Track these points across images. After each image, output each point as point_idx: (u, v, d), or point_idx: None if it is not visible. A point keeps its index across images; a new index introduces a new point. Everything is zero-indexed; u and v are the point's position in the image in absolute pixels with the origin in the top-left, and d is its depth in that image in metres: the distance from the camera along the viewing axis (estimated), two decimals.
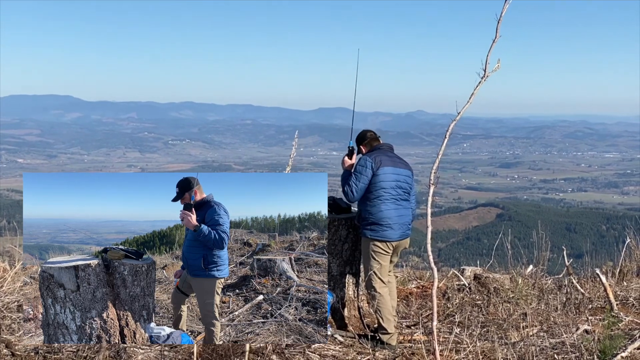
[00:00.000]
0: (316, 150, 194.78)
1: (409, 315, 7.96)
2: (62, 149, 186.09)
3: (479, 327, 6.98)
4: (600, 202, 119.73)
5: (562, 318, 7.44)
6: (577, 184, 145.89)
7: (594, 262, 10.19)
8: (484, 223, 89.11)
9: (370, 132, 7.04)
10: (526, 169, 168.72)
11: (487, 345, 6.38)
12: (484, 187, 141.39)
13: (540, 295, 8.33)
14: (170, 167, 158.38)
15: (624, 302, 8.24)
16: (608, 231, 74.91)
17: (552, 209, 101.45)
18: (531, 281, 8.79)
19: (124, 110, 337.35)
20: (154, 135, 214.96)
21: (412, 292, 8.93)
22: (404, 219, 6.74)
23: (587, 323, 7.13)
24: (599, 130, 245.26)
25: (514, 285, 8.51)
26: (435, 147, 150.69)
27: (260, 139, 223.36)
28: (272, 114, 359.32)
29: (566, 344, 6.29)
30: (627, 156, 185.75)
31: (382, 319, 6.61)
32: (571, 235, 72.09)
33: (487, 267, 10.22)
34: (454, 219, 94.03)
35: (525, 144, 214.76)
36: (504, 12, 5.16)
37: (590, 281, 9.14)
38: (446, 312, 7.83)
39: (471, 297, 8.40)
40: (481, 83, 5.20)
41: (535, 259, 9.25)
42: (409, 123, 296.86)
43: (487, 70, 5.19)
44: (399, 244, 6.77)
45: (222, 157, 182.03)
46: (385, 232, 6.61)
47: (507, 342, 6.46)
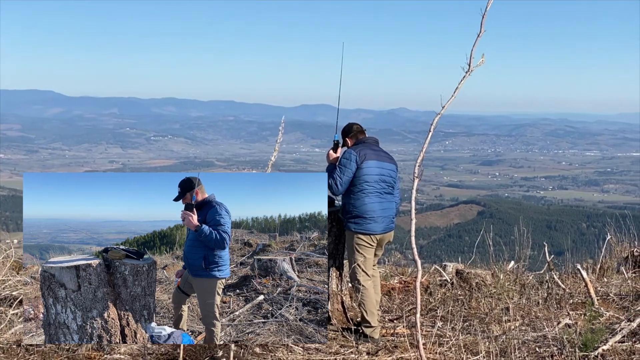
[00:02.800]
0: (299, 147, 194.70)
1: (391, 309, 7.99)
2: (43, 145, 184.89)
3: (462, 321, 7.02)
4: (581, 200, 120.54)
5: (544, 312, 7.48)
6: (558, 181, 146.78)
7: (574, 259, 10.27)
8: (466, 220, 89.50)
9: (357, 124, 7.07)
10: (507, 166, 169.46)
11: (470, 339, 6.42)
12: (466, 185, 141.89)
13: (522, 291, 8.38)
14: (152, 163, 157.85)
15: (605, 297, 8.31)
16: (588, 229, 75.34)
17: (533, 206, 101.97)
18: (513, 277, 8.84)
19: (105, 105, 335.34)
20: (135, 131, 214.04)
21: (394, 287, 8.96)
22: (388, 212, 6.77)
23: (569, 317, 7.18)
24: (579, 128, 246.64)
25: (496, 281, 8.55)
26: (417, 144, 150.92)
27: (243, 136, 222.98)
28: (254, 110, 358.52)
29: (548, 337, 6.34)
30: (608, 154, 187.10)
31: (366, 312, 6.63)
32: (552, 232, 72.44)
33: (469, 263, 10.28)
34: (436, 216, 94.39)
35: (506, 141, 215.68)
36: (488, 6, 5.19)
37: (571, 277, 9.20)
38: (429, 306, 7.86)
39: (453, 292, 8.43)
40: (465, 77, 5.22)
41: (517, 256, 9.30)
42: (391, 120, 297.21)
43: (471, 64, 5.21)
44: (383, 237, 6.80)
45: (204, 154, 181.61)
46: (369, 225, 6.63)
47: (489, 335, 6.50)
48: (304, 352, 6.13)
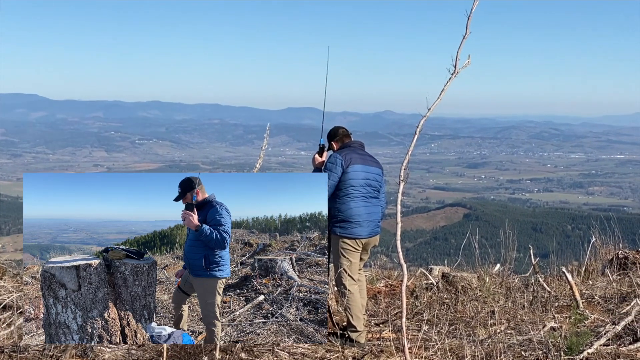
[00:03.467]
0: (284, 150, 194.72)
1: (377, 313, 7.97)
2: (27, 148, 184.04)
3: (447, 324, 7.01)
4: (566, 202, 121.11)
5: (529, 316, 7.50)
6: (543, 184, 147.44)
7: (559, 261, 10.29)
8: (452, 223, 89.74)
9: (342, 128, 7.06)
10: (493, 169, 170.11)
11: (455, 343, 6.42)
12: (452, 187, 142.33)
13: (508, 294, 8.39)
14: (137, 166, 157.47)
15: (590, 300, 8.32)
16: (573, 231, 75.72)
17: (519, 209, 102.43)
18: (498, 280, 8.85)
19: (90, 109, 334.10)
20: (120, 134, 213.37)
21: (380, 290, 8.95)
22: (373, 217, 6.75)
23: (554, 320, 7.19)
24: (564, 131, 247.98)
25: (482, 284, 8.56)
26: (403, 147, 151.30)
27: (228, 139, 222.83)
28: (240, 113, 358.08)
29: (533, 341, 6.34)
30: (592, 157, 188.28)
31: (352, 317, 6.61)
32: (537, 235, 72.80)
33: (455, 266, 10.28)
34: (422, 219, 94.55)
35: (492, 144, 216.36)
36: (473, 8, 5.19)
37: (557, 280, 9.22)
38: (414, 310, 7.86)
39: (439, 296, 8.43)
40: (451, 79, 5.23)
41: (502, 258, 9.31)
42: (377, 123, 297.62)
43: (457, 66, 5.21)
44: (369, 241, 6.79)
45: (190, 157, 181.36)
46: (355, 230, 6.62)
47: (475, 339, 6.50)
48: (290, 357, 6.11)
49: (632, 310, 7.17)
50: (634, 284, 8.69)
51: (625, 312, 7.34)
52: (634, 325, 6.82)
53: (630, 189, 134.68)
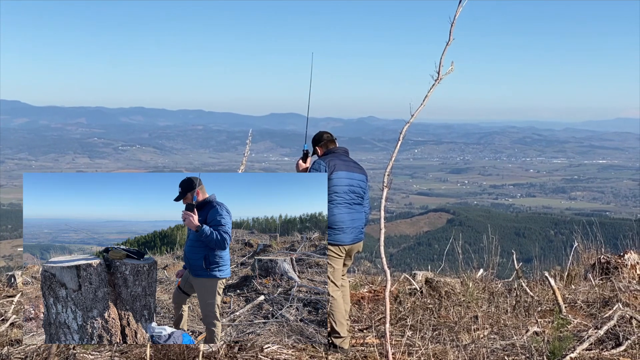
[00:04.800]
0: (268, 156, 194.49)
1: (361, 319, 7.98)
2: (10, 155, 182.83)
3: (431, 330, 7.03)
4: (549, 207, 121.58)
5: (512, 320, 7.53)
6: (526, 189, 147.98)
7: (542, 266, 10.35)
8: (435, 228, 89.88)
9: (327, 133, 7.04)
10: (476, 174, 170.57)
11: (439, 348, 6.43)
12: (435, 193, 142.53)
13: (491, 299, 8.42)
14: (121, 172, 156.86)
15: (572, 304, 8.37)
16: (556, 236, 75.98)
17: (502, 214, 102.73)
18: (482, 285, 8.89)
19: (72, 115, 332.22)
20: (103, 140, 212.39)
21: (364, 296, 8.96)
22: (357, 223, 6.75)
23: (537, 325, 7.23)
24: (547, 136, 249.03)
25: (465, 289, 8.59)
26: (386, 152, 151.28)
27: (212, 145, 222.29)
28: (223, 119, 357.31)
29: (516, 346, 6.37)
30: (575, 162, 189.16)
31: (335, 323, 6.61)
32: (520, 240, 72.98)
33: (439, 271, 10.32)
34: (405, 224, 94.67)
35: (475, 149, 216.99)
36: (457, 14, 5.21)
37: (539, 284, 9.27)
38: (398, 315, 7.87)
39: (423, 301, 8.46)
40: (434, 86, 5.25)
41: (486, 263, 9.36)
42: (360, 129, 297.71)
43: (440, 72, 5.24)
44: (352, 247, 6.78)
45: (173, 163, 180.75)
46: (338, 236, 6.61)
47: (458, 344, 6.52)
48: None
49: (614, 314, 7.21)
50: (616, 288, 8.75)
51: (608, 316, 7.38)
52: (616, 329, 6.87)
53: (612, 194, 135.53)
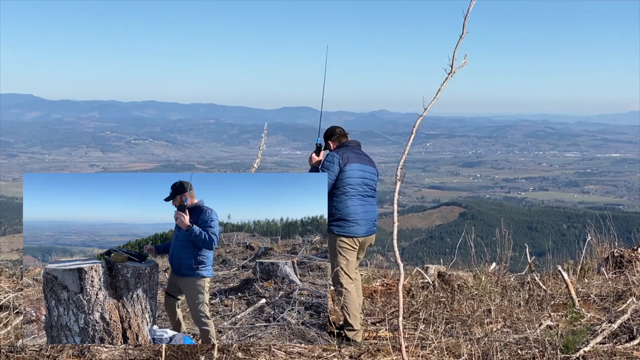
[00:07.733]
0: (280, 150, 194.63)
1: (374, 313, 7.98)
2: (23, 149, 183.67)
3: (444, 323, 7.03)
4: (561, 200, 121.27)
5: (525, 314, 7.52)
6: (539, 183, 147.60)
7: (555, 260, 10.32)
8: (447, 222, 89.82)
9: (339, 128, 7.09)
10: (488, 168, 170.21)
11: (452, 341, 6.43)
12: (447, 186, 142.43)
13: (504, 292, 8.41)
14: (133, 166, 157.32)
15: (586, 298, 8.35)
16: (569, 229, 75.83)
17: (514, 207, 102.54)
18: (494, 278, 8.87)
19: (85, 109, 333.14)
20: (116, 134, 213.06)
21: (376, 289, 8.96)
22: (370, 215, 6.77)
23: (550, 319, 7.21)
24: (559, 129, 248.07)
25: (478, 283, 8.58)
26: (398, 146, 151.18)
27: (224, 138, 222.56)
28: (235, 113, 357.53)
29: (529, 339, 6.35)
30: (588, 155, 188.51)
31: (349, 316, 6.62)
32: (533, 233, 72.85)
33: (451, 265, 10.29)
34: (417, 218, 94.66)
35: (487, 143, 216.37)
36: (470, 7, 5.20)
37: (552, 278, 9.24)
38: (411, 309, 7.86)
39: (435, 295, 8.45)
40: (448, 79, 5.23)
41: (498, 257, 9.33)
42: (372, 122, 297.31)
43: (453, 66, 5.22)
44: (365, 240, 6.80)
45: (185, 157, 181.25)
46: (352, 228, 6.63)
47: (471, 337, 6.51)
48: (287, 356, 6.12)
49: (628, 308, 7.19)
50: (629, 282, 8.72)
51: (621, 310, 7.36)
52: (630, 323, 6.85)
53: (626, 188, 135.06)
